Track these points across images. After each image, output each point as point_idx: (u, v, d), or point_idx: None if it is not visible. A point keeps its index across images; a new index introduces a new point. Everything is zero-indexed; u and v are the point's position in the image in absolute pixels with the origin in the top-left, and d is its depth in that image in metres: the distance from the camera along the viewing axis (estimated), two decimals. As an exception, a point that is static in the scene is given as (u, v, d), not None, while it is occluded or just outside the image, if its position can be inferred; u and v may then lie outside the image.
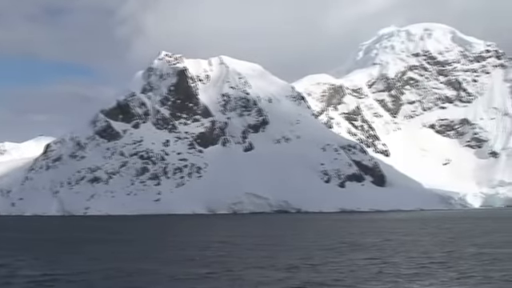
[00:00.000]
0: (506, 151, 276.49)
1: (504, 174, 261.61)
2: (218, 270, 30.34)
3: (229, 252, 41.57)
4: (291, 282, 26.38)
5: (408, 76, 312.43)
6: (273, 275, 28.69)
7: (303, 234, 65.12)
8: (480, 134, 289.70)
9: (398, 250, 40.62)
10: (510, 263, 32.03)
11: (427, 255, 36.90)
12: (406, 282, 26.20)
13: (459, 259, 34.49)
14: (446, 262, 33.19)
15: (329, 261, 34.45)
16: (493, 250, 40.18)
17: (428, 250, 40.24)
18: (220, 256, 38.43)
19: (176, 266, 33.38)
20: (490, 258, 34.34)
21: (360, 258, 35.30)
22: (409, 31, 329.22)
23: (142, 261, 36.52)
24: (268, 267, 31.76)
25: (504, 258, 34.56)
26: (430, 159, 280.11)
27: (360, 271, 29.91)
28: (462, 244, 45.49)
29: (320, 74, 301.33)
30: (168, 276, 28.90)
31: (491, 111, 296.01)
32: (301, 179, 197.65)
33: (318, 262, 34.13)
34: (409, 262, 33.34)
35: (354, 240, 51.64)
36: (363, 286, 25.40)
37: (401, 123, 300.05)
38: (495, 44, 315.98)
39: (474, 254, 37.44)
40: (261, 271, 30.09)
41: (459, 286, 25.15)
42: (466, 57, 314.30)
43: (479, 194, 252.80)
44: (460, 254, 37.06)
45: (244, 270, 30.74)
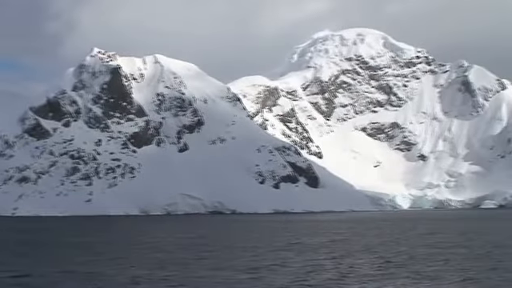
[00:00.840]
0: (434, 154, 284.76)
1: (432, 176, 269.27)
2: (177, 273, 29.48)
3: (183, 253, 40.72)
4: (257, 284, 25.97)
5: (341, 80, 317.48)
6: (234, 276, 28.22)
7: (249, 235, 64.52)
8: (409, 138, 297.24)
9: (350, 250, 40.56)
10: (464, 263, 32.37)
11: (380, 255, 37.01)
12: (373, 282, 26.01)
13: (413, 259, 34.84)
14: (401, 262, 33.39)
15: (286, 261, 34.02)
16: (443, 250, 40.63)
17: (381, 250, 40.29)
18: (175, 258, 37.45)
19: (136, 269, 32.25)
20: (443, 258, 34.72)
21: (319, 259, 35.03)
22: (342, 36, 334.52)
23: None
24: (227, 268, 31.15)
25: (457, 259, 35.01)
26: (362, 161, 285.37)
27: (322, 272, 29.60)
28: (413, 244, 45.91)
29: (255, 75, 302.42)
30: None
31: (420, 115, 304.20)
32: (236, 180, 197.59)
33: (275, 262, 33.70)
34: (367, 263, 33.32)
35: (303, 240, 51.38)
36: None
37: (334, 126, 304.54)
38: (425, 50, 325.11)
39: (429, 254, 37.78)
40: (222, 273, 29.48)
41: (427, 285, 25.33)
42: (397, 62, 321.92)
43: (408, 196, 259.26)
44: (412, 254, 37.24)
45: (205, 271, 30.05)
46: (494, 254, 37.24)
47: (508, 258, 35.54)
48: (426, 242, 48.99)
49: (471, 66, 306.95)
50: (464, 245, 45.19)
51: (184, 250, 43.52)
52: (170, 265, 32.98)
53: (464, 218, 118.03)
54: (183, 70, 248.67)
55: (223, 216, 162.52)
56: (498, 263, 32.09)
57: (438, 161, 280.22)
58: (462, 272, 28.60)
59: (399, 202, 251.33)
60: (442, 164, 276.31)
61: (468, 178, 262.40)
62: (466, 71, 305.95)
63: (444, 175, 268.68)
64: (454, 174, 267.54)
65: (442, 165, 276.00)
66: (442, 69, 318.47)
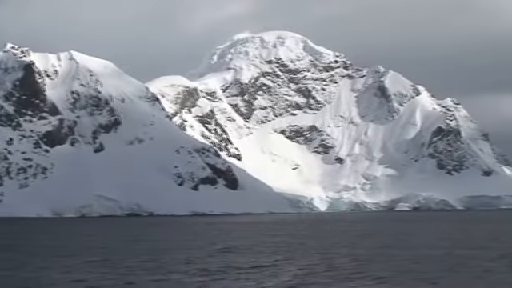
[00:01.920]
0: (351, 157, 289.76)
1: (349, 179, 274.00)
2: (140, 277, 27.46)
3: (123, 255, 38.23)
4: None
5: (261, 82, 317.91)
6: (195, 279, 26.59)
7: (183, 238, 61.95)
8: (327, 141, 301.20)
9: (294, 253, 39.59)
10: (420, 264, 31.75)
11: (327, 256, 36.13)
12: (339, 282, 25.37)
13: (365, 261, 34.09)
14: (357, 263, 32.57)
15: (230, 264, 32.47)
16: (395, 251, 39.95)
17: (328, 251, 39.25)
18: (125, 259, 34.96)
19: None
20: (400, 259, 34.43)
21: (270, 261, 33.63)
22: (263, 38, 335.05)
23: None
24: (186, 272, 29.34)
25: (412, 259, 34.45)
26: (281, 164, 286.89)
27: (280, 275, 28.07)
28: (359, 246, 45.26)
29: (174, 75, 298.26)
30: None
31: (338, 119, 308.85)
32: (153, 182, 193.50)
33: (221, 264, 32.16)
34: (321, 264, 32.31)
35: (240, 243, 49.59)
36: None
37: (253, 128, 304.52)
38: (343, 55, 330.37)
39: (375, 255, 37.30)
40: (174, 276, 27.80)
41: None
42: (316, 66, 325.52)
43: (325, 198, 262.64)
44: (358, 256, 36.45)
45: (166, 274, 28.26)
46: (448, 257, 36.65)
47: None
48: (367, 243, 48.38)
49: (387, 72, 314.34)
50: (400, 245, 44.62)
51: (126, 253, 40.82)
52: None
53: (384, 220, 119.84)
54: (100, 67, 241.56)
55: (141, 218, 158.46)
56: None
57: (354, 164, 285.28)
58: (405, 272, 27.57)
59: (317, 204, 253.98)
60: (358, 167, 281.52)
61: (383, 180, 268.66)
62: (382, 76, 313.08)
63: (360, 178, 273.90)
64: (369, 176, 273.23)
65: (358, 168, 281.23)
66: (359, 73, 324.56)
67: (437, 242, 49.27)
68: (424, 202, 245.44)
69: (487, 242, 49.58)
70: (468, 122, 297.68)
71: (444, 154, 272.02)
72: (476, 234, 64.53)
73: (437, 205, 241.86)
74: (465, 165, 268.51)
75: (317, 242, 50.24)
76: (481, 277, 26.76)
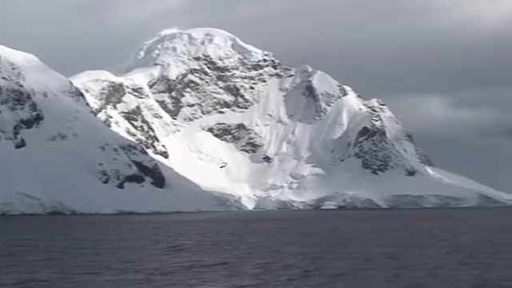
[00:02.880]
0: (279, 156, 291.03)
1: (276, 178, 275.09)
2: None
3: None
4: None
5: (189, 79, 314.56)
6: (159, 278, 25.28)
7: (124, 237, 59.11)
8: (255, 140, 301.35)
9: (245, 250, 38.59)
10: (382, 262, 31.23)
11: (279, 253, 35.36)
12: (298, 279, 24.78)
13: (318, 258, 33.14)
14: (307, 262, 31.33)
15: (186, 263, 31.12)
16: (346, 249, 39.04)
17: (279, 250, 38.47)
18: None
19: None
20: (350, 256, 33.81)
21: (226, 258, 32.51)
22: (191, 35, 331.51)
23: None
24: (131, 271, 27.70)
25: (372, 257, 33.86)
26: (208, 162, 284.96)
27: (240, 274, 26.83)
28: (307, 243, 44.12)
29: (99, 70, 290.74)
30: None
31: (266, 118, 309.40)
32: (77, 179, 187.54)
33: (178, 263, 30.87)
34: (277, 263, 31.34)
35: (184, 242, 47.79)
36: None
37: (180, 125, 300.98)
38: (272, 54, 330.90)
39: (325, 252, 36.55)
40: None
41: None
42: (245, 64, 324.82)
43: (253, 197, 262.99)
44: (306, 255, 35.54)
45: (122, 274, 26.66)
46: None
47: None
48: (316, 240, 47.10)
49: (315, 72, 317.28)
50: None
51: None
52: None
53: (320, 218, 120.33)
54: (22, 60, 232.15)
55: (64, 217, 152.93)
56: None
57: (281, 163, 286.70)
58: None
59: (244, 203, 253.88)
60: (285, 166, 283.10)
61: (310, 179, 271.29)
62: (310, 76, 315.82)
63: (287, 177, 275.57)
64: (296, 175, 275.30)
65: (285, 167, 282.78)
66: (287, 73, 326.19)
67: (381, 239, 48.79)
68: (350, 201, 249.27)
69: (428, 239, 49.62)
70: (393, 123, 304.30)
71: (369, 154, 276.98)
72: (413, 231, 64.99)
73: (362, 204, 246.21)
74: (389, 165, 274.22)
75: (263, 240, 49.04)
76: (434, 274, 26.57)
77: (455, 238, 50.78)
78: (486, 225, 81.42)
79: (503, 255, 32.95)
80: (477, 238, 47.43)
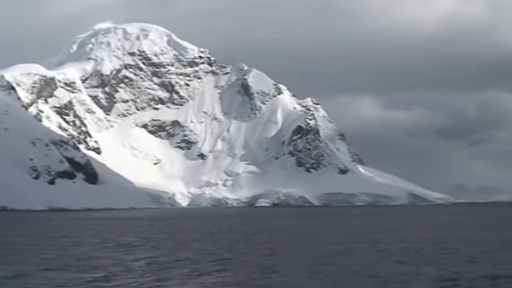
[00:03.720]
0: (213, 154, 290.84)
1: (211, 175, 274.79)
2: None
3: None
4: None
5: (123, 74, 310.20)
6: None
7: (67, 234, 57.29)
8: (189, 137, 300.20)
9: (201, 247, 37.64)
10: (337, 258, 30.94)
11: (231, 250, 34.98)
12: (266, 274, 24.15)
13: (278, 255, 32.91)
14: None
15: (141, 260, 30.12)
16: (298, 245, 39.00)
17: (230, 246, 38.09)
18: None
19: None
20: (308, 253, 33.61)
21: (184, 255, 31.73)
22: (126, 30, 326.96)
23: None
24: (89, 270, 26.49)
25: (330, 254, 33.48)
26: (142, 158, 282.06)
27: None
28: (258, 240, 43.91)
29: (31, 63, 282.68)
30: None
31: (201, 115, 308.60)
32: (7, 174, 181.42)
33: (135, 261, 29.73)
34: (234, 259, 30.91)
35: (133, 239, 46.53)
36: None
37: (114, 121, 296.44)
38: (208, 51, 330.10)
39: (281, 249, 36.28)
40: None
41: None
42: (180, 61, 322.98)
43: (187, 194, 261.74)
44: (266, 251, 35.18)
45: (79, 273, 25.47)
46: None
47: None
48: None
49: (250, 70, 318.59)
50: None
51: None
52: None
53: (261, 216, 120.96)
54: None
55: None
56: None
57: (216, 160, 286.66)
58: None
59: (178, 200, 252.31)
60: (220, 163, 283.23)
61: (244, 177, 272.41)
62: (246, 74, 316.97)
63: (222, 174, 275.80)
64: (231, 173, 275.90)
65: (220, 164, 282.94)
66: (223, 70, 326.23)
67: (334, 236, 49.28)
68: (284, 199, 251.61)
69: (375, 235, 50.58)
70: (326, 122, 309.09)
71: (303, 153, 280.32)
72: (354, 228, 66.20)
73: (296, 201, 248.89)
74: (322, 163, 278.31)
75: (211, 237, 48.66)
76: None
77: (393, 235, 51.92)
78: (425, 222, 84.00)
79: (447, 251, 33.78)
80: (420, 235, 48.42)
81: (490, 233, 52.67)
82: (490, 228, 64.00)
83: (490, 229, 61.82)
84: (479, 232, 54.02)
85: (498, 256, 30.85)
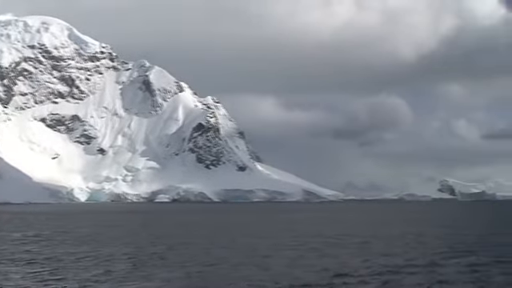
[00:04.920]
0: (113, 149, 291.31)
1: (110, 170, 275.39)
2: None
3: None
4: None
5: (22, 67, 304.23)
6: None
7: None
8: (89, 131, 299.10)
9: (132, 243, 35.01)
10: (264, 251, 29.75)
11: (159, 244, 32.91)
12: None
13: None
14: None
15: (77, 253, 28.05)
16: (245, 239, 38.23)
17: (156, 241, 35.36)
18: None
19: None
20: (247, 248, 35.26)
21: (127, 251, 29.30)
22: (26, 22, 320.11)
23: None
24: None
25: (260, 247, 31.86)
26: (40, 153, 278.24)
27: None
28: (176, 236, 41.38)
29: None
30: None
31: (101, 110, 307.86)
32: None
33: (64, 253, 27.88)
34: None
35: (49, 233, 43.75)
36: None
37: (12, 114, 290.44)
38: (110, 46, 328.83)
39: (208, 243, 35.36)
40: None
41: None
42: (81, 55, 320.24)
43: (86, 189, 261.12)
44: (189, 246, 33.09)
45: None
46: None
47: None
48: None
49: (152, 67, 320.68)
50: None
51: None
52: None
53: (173, 211, 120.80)
54: None
55: None
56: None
57: (116, 155, 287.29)
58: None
59: (77, 194, 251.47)
60: (120, 159, 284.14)
61: (144, 173, 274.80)
62: (147, 71, 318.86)
63: (122, 170, 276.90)
64: (131, 168, 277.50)
65: (120, 159, 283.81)
66: (124, 66, 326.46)
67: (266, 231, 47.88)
68: (184, 194, 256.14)
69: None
70: (226, 121, 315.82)
71: (203, 149, 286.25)
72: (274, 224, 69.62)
73: (195, 197, 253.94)
74: (222, 160, 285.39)
75: (135, 232, 45.68)
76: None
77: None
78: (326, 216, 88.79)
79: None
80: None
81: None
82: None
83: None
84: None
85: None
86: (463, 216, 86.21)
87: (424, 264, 22.94)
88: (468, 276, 19.85)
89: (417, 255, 26.22)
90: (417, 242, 34.09)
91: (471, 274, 20.12)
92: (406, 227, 51.44)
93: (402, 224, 58.78)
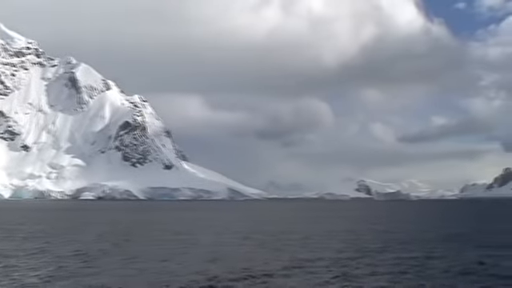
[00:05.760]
0: (38, 145, 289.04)
1: (34, 167, 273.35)
2: None
3: None
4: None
5: None
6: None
7: None
8: (13, 128, 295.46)
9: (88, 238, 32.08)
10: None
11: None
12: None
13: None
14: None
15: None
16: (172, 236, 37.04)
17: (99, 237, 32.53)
18: None
19: None
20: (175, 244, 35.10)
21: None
22: None
23: None
24: None
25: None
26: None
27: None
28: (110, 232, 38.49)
29: None
30: None
31: (26, 106, 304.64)
32: None
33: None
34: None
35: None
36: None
37: None
38: (36, 42, 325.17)
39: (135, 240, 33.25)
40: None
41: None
42: (7, 50, 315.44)
43: (9, 186, 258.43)
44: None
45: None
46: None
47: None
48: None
49: (79, 64, 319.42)
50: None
51: None
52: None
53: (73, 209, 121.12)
54: None
55: None
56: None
57: (40, 152, 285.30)
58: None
59: (0, 191, 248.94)
60: (44, 155, 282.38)
61: (69, 170, 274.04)
62: (74, 68, 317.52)
63: (46, 167, 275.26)
64: (55, 165, 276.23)
65: (44, 156, 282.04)
66: (50, 63, 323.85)
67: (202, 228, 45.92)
68: (109, 192, 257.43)
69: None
70: (153, 119, 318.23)
71: (129, 148, 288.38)
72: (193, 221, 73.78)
73: (121, 195, 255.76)
74: (148, 158, 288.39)
75: (73, 231, 44.78)
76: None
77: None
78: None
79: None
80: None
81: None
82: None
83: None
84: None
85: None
86: (385, 214, 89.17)
87: (357, 257, 22.95)
88: (395, 268, 19.61)
89: (353, 249, 26.31)
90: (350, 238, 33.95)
91: (398, 267, 19.74)
92: (336, 225, 52.49)
93: (334, 221, 60.62)
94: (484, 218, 66.80)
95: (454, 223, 53.15)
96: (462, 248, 26.17)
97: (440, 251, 24.65)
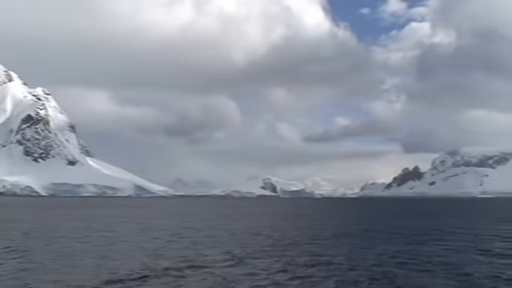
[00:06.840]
0: None
1: None
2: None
3: None
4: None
5: None
6: None
7: None
8: None
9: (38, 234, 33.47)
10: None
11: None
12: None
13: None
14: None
15: None
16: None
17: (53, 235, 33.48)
18: None
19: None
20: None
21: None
22: None
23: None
24: None
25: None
26: None
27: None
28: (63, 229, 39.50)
29: None
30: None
31: None
32: None
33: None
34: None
35: None
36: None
37: None
38: None
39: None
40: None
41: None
42: None
43: None
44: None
45: None
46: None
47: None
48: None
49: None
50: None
51: None
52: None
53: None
54: None
55: None
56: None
57: None
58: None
59: None
60: None
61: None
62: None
63: None
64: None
65: None
66: None
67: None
68: (10, 188, 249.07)
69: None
70: (57, 113, 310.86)
71: (32, 142, 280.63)
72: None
73: (22, 191, 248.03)
74: (51, 153, 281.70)
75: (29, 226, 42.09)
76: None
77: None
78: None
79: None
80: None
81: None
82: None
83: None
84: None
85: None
86: (293, 211, 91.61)
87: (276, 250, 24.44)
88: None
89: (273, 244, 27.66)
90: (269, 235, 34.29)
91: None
92: (250, 222, 53.41)
93: (247, 218, 61.52)
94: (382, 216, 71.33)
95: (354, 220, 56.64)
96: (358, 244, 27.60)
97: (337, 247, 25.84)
